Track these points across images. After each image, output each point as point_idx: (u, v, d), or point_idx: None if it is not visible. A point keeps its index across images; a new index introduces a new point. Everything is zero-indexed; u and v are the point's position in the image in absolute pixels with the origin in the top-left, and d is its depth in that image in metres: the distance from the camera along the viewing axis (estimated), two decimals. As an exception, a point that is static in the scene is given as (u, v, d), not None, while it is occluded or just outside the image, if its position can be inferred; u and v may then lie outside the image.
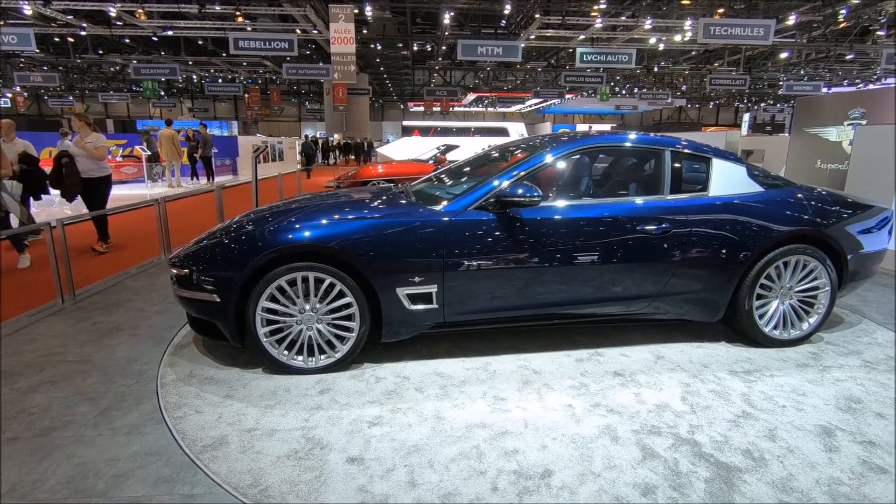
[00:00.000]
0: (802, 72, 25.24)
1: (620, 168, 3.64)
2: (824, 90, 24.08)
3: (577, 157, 3.26)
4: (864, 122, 6.52)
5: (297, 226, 2.66)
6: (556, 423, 2.26)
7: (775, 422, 2.29)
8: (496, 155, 3.79)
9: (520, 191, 2.69)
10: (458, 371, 2.80)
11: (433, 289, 2.69)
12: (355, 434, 2.18)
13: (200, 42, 22.46)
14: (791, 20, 16.30)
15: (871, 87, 26.32)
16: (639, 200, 2.99)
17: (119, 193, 10.90)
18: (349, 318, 2.69)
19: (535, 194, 2.69)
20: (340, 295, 2.65)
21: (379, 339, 2.80)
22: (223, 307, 2.60)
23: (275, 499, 1.78)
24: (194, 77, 32.28)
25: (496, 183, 2.82)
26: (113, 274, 4.69)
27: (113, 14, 16.11)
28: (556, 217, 2.82)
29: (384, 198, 3.16)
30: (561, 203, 2.91)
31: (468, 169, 3.72)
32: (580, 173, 3.66)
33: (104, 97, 32.39)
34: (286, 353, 2.69)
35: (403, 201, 3.02)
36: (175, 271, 2.74)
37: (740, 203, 3.02)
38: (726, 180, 3.09)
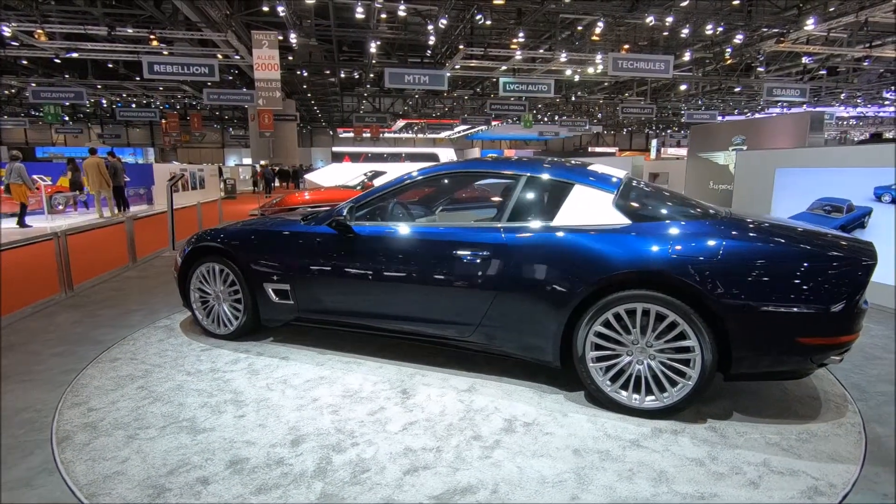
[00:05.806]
0: (700, 102, 27.95)
1: (475, 194, 3.91)
2: (719, 119, 26.80)
3: (434, 182, 3.53)
4: (744, 148, 7.36)
5: (210, 234, 3.59)
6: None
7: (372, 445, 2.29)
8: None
9: (344, 212, 3.14)
10: (309, 368, 3.18)
11: (287, 287, 3.27)
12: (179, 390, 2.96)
13: (111, 65, 21.19)
14: (687, 56, 18.13)
15: (757, 116, 29.61)
16: (465, 226, 2.96)
17: (10, 227, 9.94)
18: (241, 301, 3.45)
19: (345, 215, 3.12)
20: (234, 283, 3.44)
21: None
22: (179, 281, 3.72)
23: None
24: (104, 101, 30.34)
25: (342, 204, 3.26)
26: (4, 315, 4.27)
27: (7, 34, 14.91)
28: (385, 238, 3.06)
29: (279, 218, 3.78)
30: (391, 225, 3.13)
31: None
32: (435, 198, 4.03)
33: (-2, 122, 29.63)
34: (206, 319, 3.64)
35: (288, 219, 3.59)
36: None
37: (572, 236, 2.64)
38: (579, 209, 2.73)
